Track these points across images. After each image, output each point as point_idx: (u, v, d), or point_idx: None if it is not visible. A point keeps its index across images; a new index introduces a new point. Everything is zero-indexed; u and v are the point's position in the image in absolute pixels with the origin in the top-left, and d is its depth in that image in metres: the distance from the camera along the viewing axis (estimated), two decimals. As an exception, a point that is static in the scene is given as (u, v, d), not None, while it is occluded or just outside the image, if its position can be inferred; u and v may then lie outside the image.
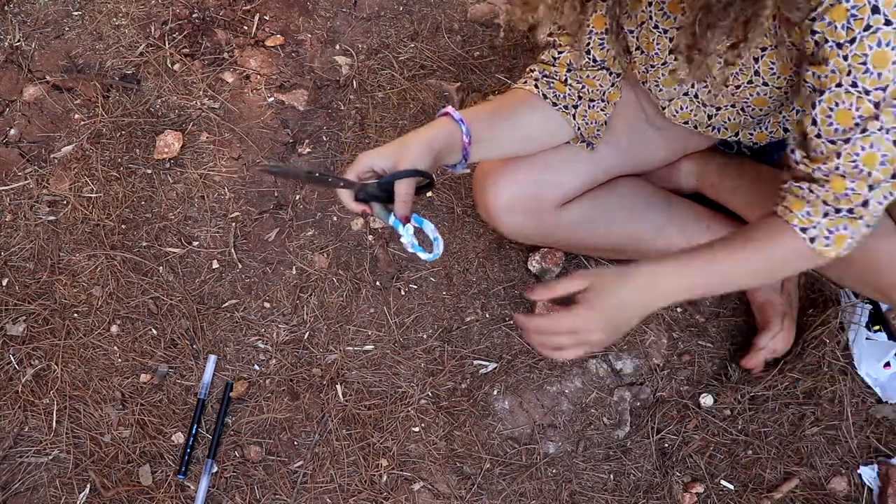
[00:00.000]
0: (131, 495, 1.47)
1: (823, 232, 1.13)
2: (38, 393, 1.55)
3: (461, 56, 1.93)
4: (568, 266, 1.69)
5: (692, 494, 1.49)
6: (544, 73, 1.36)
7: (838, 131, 1.06)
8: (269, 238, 1.72)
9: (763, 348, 1.55)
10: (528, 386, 1.58)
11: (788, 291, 1.59)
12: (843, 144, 1.07)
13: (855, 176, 1.08)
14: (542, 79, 1.36)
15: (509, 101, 1.37)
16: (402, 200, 1.15)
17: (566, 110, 1.36)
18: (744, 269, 1.19)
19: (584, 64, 1.33)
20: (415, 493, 1.49)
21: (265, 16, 1.98)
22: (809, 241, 1.13)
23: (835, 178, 1.09)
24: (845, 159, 1.07)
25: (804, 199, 1.12)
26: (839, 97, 1.04)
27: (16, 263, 1.68)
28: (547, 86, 1.35)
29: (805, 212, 1.13)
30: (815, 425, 1.53)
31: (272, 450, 1.53)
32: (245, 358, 1.60)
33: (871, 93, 1.02)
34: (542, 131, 1.38)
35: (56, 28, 1.95)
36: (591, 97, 1.36)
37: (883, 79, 1.01)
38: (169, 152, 1.79)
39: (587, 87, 1.35)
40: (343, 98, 1.88)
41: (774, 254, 1.17)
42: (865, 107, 1.03)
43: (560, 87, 1.35)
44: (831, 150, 1.08)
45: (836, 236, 1.13)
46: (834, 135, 1.07)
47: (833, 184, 1.09)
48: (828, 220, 1.12)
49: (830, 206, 1.11)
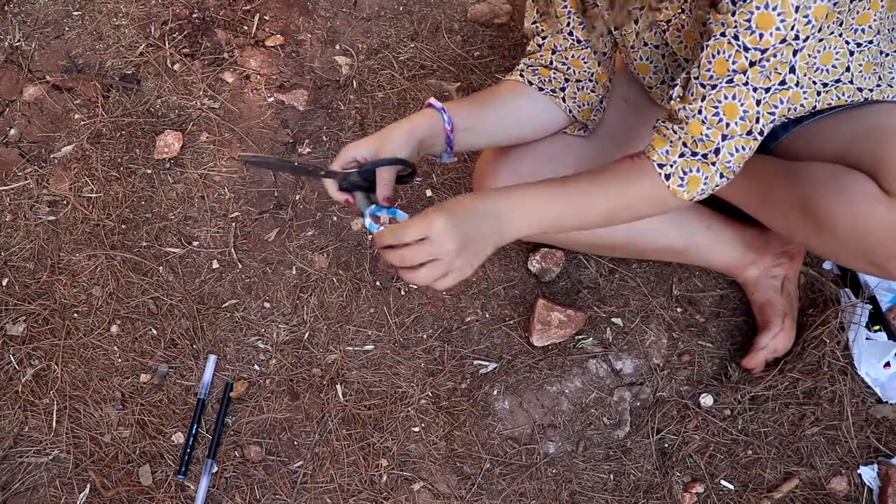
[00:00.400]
0: (131, 495, 1.47)
1: (678, 171, 1.16)
2: (38, 393, 1.55)
3: (461, 56, 1.93)
4: (568, 266, 1.69)
5: (692, 494, 1.49)
6: (529, 63, 1.39)
7: (712, 78, 1.11)
8: (269, 238, 1.72)
9: (764, 348, 1.55)
10: (528, 386, 1.58)
11: (789, 291, 1.59)
12: (709, 90, 1.11)
13: (713, 123, 1.12)
14: (526, 68, 1.39)
15: (494, 91, 1.39)
16: (383, 184, 1.19)
17: (554, 94, 1.38)
18: (601, 204, 1.19)
19: (569, 45, 1.35)
20: (415, 493, 1.49)
21: (265, 16, 1.98)
22: (665, 177, 1.16)
23: (694, 122, 1.13)
24: (708, 103, 1.12)
25: (666, 139, 1.16)
26: (721, 46, 1.08)
27: (16, 263, 1.68)
28: (531, 73, 1.38)
29: (665, 150, 1.16)
30: (815, 425, 1.53)
31: (272, 450, 1.53)
32: (245, 358, 1.60)
33: (750, 51, 1.07)
34: (530, 116, 1.39)
35: (56, 28, 1.95)
36: (579, 78, 1.37)
37: (763, 41, 1.05)
38: (169, 152, 1.79)
39: (574, 69, 1.37)
40: (343, 98, 1.88)
41: (631, 189, 1.18)
42: (741, 62, 1.08)
43: (544, 72, 1.37)
44: (699, 94, 1.12)
45: (690, 178, 1.16)
46: (707, 80, 1.11)
47: (691, 127, 1.14)
48: (683, 161, 1.15)
49: (688, 149, 1.15)
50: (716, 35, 1.09)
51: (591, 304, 1.65)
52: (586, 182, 1.20)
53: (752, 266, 1.59)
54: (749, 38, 1.06)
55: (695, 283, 1.68)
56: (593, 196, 1.19)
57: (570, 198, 1.19)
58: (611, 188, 1.19)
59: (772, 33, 1.04)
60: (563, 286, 1.68)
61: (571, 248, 1.65)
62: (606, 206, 1.20)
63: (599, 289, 1.67)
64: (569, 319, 1.60)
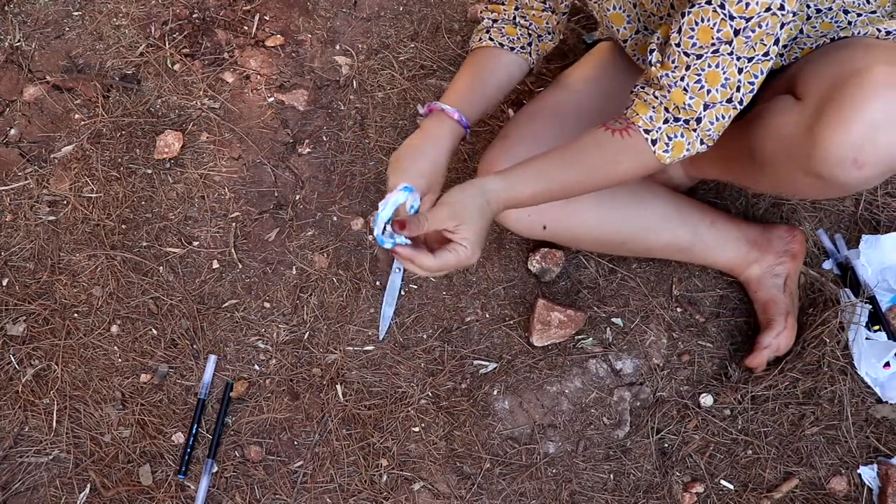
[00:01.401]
0: (131, 495, 1.47)
1: (664, 137, 1.19)
2: (38, 393, 1.55)
3: (461, 56, 1.93)
4: (568, 266, 1.69)
5: (692, 494, 1.49)
6: (493, 19, 1.45)
7: (695, 46, 1.12)
8: (270, 238, 1.72)
9: (767, 347, 1.55)
10: (528, 386, 1.58)
11: (791, 290, 1.59)
12: (694, 59, 1.12)
13: (695, 91, 1.14)
14: (493, 27, 1.44)
15: (479, 66, 1.44)
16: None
17: (523, 50, 1.44)
18: (583, 170, 1.23)
19: (531, 3, 1.43)
20: (415, 492, 1.49)
21: (265, 16, 1.98)
22: (651, 143, 1.19)
23: (676, 91, 1.15)
24: (691, 73, 1.13)
25: (649, 105, 1.18)
26: (706, 13, 1.09)
27: (16, 263, 1.68)
28: (499, 33, 1.43)
29: (649, 116, 1.18)
30: (814, 425, 1.53)
31: (272, 450, 1.53)
32: (245, 358, 1.60)
33: (735, 19, 1.07)
34: (507, 79, 1.45)
35: (56, 28, 1.95)
36: (540, 33, 1.46)
37: (749, 9, 1.06)
38: (169, 152, 1.79)
39: (535, 25, 1.44)
40: (343, 98, 1.88)
41: (614, 154, 1.21)
42: (726, 30, 1.08)
43: (511, 30, 1.43)
44: (682, 62, 1.13)
45: (675, 143, 1.19)
46: (690, 48, 1.12)
47: (673, 95, 1.16)
48: (667, 127, 1.18)
49: (671, 114, 1.17)
50: (700, 2, 1.09)
51: (590, 304, 1.65)
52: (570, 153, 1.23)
53: (754, 264, 1.59)
54: (735, 8, 1.06)
55: (694, 283, 1.68)
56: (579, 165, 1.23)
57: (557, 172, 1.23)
58: (595, 154, 1.22)
59: (757, 2, 1.05)
60: (563, 286, 1.68)
61: (576, 247, 1.65)
62: (589, 175, 1.24)
63: (599, 289, 1.67)
64: (569, 319, 1.60)
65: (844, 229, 1.73)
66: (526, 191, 1.22)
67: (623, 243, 1.56)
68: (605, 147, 1.22)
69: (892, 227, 1.72)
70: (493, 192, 1.19)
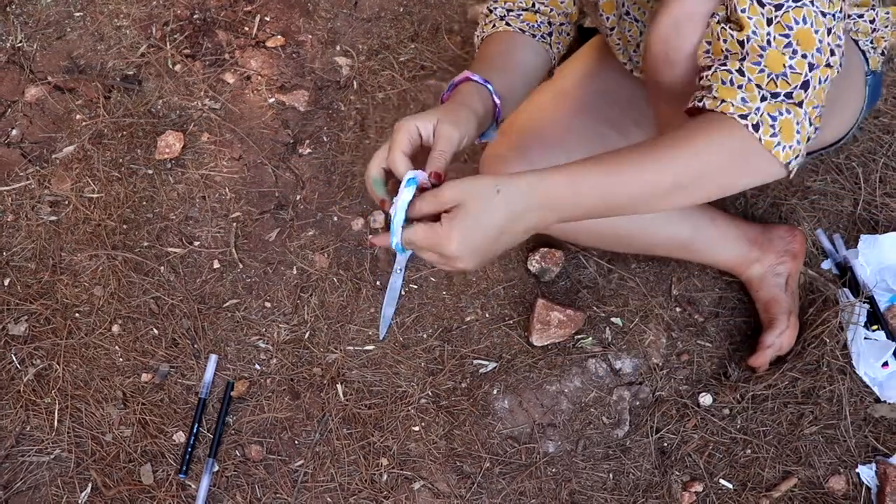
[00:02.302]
0: (132, 494, 1.47)
1: (766, 119, 0.95)
2: (39, 392, 1.56)
3: (461, 57, 1.93)
4: (567, 266, 1.69)
5: (691, 493, 1.49)
6: (507, 7, 1.33)
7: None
8: (270, 238, 1.73)
9: (770, 346, 1.55)
10: (528, 385, 1.58)
11: (792, 289, 1.60)
12: (773, 10, 0.95)
13: (781, 47, 0.95)
14: (508, 14, 1.33)
15: (499, 50, 1.28)
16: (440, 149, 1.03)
17: (544, 39, 1.33)
18: (663, 183, 0.95)
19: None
20: (415, 492, 1.50)
21: (266, 17, 1.99)
22: (752, 128, 0.95)
23: (772, 53, 0.95)
24: (776, 29, 0.95)
25: (734, 86, 0.96)
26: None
27: (17, 263, 1.68)
28: (518, 20, 1.32)
29: (741, 98, 0.96)
30: (813, 424, 1.53)
31: (273, 449, 1.53)
32: (246, 357, 1.61)
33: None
34: (534, 68, 1.31)
35: (58, 29, 1.95)
36: (561, 21, 1.35)
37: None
38: (170, 153, 1.80)
39: (554, 10, 1.34)
40: (343, 99, 1.89)
41: (710, 156, 0.96)
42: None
43: (530, 16, 1.32)
44: (758, 15, 0.94)
45: (782, 122, 0.94)
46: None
47: (768, 60, 0.95)
48: (767, 105, 0.95)
49: (766, 90, 0.96)
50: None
51: (590, 304, 1.66)
52: (637, 152, 0.97)
53: (756, 264, 1.60)
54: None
55: (694, 283, 1.69)
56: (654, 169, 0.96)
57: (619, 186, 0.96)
58: (683, 162, 0.95)
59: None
60: (562, 286, 1.68)
61: (578, 243, 1.64)
62: (672, 181, 0.96)
63: (599, 288, 1.68)
64: (568, 319, 1.61)
65: (843, 229, 1.74)
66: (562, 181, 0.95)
67: (625, 238, 1.56)
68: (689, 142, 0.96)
69: (890, 226, 1.73)
70: (514, 178, 0.96)
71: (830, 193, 1.77)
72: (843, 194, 1.77)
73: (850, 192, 1.77)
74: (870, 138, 1.83)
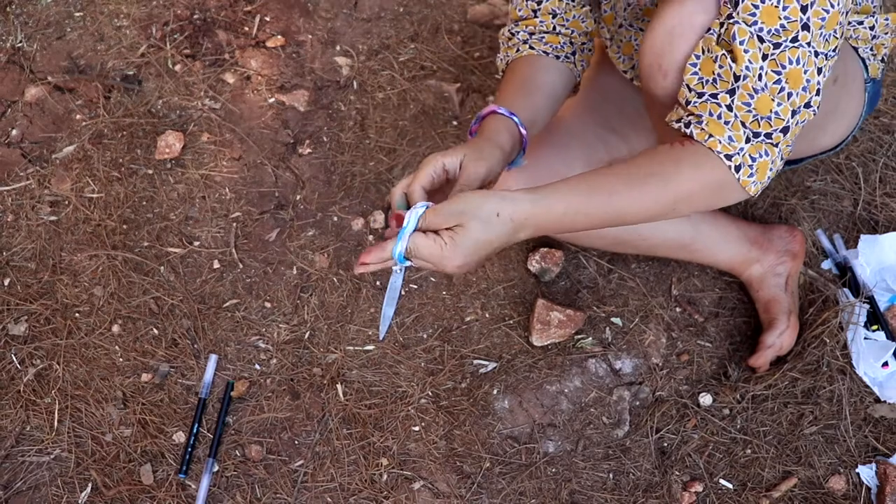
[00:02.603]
0: (132, 494, 1.47)
1: (747, 160, 1.03)
2: (39, 392, 1.56)
3: (461, 57, 1.93)
4: (567, 266, 1.69)
5: (691, 493, 1.49)
6: (529, 30, 1.35)
7: (763, 31, 1.00)
8: (270, 238, 1.73)
9: (771, 346, 1.55)
10: (528, 385, 1.58)
11: (792, 289, 1.60)
12: (771, 48, 1.00)
13: (774, 93, 1.01)
14: (531, 38, 1.34)
15: (525, 75, 1.32)
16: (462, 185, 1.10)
17: (568, 59, 1.35)
18: (647, 206, 1.05)
19: (566, 7, 1.33)
20: (415, 491, 1.50)
21: (266, 17, 1.99)
22: (734, 169, 1.03)
23: (762, 97, 1.01)
24: (770, 65, 1.00)
25: (722, 121, 1.03)
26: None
27: (17, 263, 1.68)
28: (540, 42, 1.34)
29: (727, 136, 1.03)
30: (813, 424, 1.53)
31: (273, 449, 1.53)
32: (246, 357, 1.61)
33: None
34: (560, 88, 1.34)
35: (58, 29, 1.95)
36: (583, 41, 1.37)
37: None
38: (170, 153, 1.80)
39: (575, 31, 1.35)
40: (343, 99, 1.89)
41: (684, 186, 1.05)
42: (793, 7, 0.98)
43: (553, 38, 1.34)
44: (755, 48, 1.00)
45: (759, 164, 1.04)
46: (759, 32, 1.00)
47: (758, 102, 1.01)
48: (750, 146, 1.03)
49: (749, 130, 1.03)
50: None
51: (590, 304, 1.66)
52: (625, 185, 1.05)
53: (756, 264, 1.60)
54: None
55: (693, 283, 1.69)
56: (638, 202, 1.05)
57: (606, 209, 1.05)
58: (661, 190, 1.05)
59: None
60: (562, 286, 1.68)
61: (579, 243, 1.65)
62: (653, 211, 1.07)
63: (599, 289, 1.68)
64: (568, 319, 1.61)
65: (843, 229, 1.74)
66: (558, 205, 1.04)
67: (626, 239, 1.56)
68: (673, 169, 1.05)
69: (890, 226, 1.73)
70: (513, 202, 1.03)
71: (830, 193, 1.77)
72: (843, 194, 1.77)
73: (850, 192, 1.77)
74: (870, 138, 1.83)
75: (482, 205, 1.02)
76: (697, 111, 1.06)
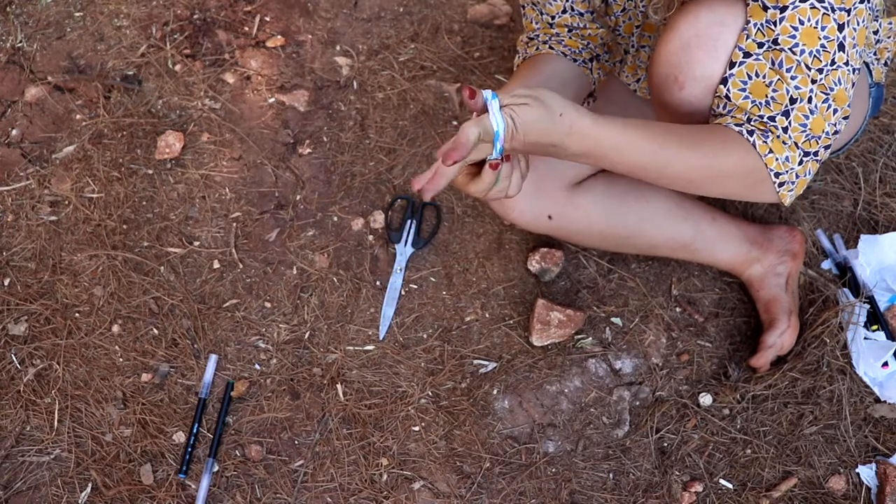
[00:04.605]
0: (132, 494, 1.47)
1: (792, 177, 1.09)
2: (39, 392, 1.56)
3: (461, 57, 1.93)
4: (567, 266, 1.69)
5: (691, 493, 1.49)
6: (546, 38, 1.36)
7: (804, 53, 1.02)
8: (270, 238, 1.73)
9: (772, 346, 1.55)
10: (528, 385, 1.58)
11: (792, 289, 1.60)
12: (817, 74, 1.03)
13: (823, 112, 1.05)
14: (551, 40, 1.35)
15: (534, 68, 1.32)
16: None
17: (585, 65, 1.36)
18: (689, 169, 1.07)
19: (581, 23, 1.34)
20: (415, 491, 1.50)
21: (266, 17, 1.99)
22: (778, 185, 1.09)
23: (816, 119, 1.05)
24: (819, 88, 1.03)
25: (782, 143, 1.07)
26: (803, 13, 1.02)
27: (17, 263, 1.68)
28: (559, 44, 1.35)
29: (785, 157, 1.07)
30: (813, 424, 1.53)
31: (273, 449, 1.53)
32: (246, 357, 1.61)
33: (836, 11, 1.00)
34: (573, 83, 1.35)
35: (58, 29, 1.95)
36: (599, 53, 1.37)
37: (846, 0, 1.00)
38: (170, 153, 1.80)
39: (591, 44, 1.37)
40: (343, 99, 1.89)
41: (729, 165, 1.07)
42: (831, 26, 1.00)
43: (572, 43, 1.35)
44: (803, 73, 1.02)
45: (800, 182, 1.10)
46: (800, 56, 1.03)
47: (813, 124, 1.05)
48: (799, 167, 1.09)
49: (801, 150, 1.08)
50: (794, 3, 1.00)
51: (590, 304, 1.66)
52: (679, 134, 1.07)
53: (756, 264, 1.60)
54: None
55: (693, 283, 1.69)
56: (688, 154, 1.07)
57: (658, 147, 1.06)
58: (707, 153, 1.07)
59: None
60: (562, 286, 1.68)
61: (579, 242, 1.64)
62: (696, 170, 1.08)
63: (599, 289, 1.68)
64: (568, 319, 1.61)
65: (843, 229, 1.74)
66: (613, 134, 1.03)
67: (627, 238, 1.56)
68: (719, 132, 1.07)
69: (890, 226, 1.73)
70: (577, 112, 1.02)
71: (830, 193, 1.77)
72: (843, 194, 1.77)
73: (850, 192, 1.77)
74: (870, 138, 1.83)
75: (553, 97, 1.01)
76: (764, 126, 1.08)
